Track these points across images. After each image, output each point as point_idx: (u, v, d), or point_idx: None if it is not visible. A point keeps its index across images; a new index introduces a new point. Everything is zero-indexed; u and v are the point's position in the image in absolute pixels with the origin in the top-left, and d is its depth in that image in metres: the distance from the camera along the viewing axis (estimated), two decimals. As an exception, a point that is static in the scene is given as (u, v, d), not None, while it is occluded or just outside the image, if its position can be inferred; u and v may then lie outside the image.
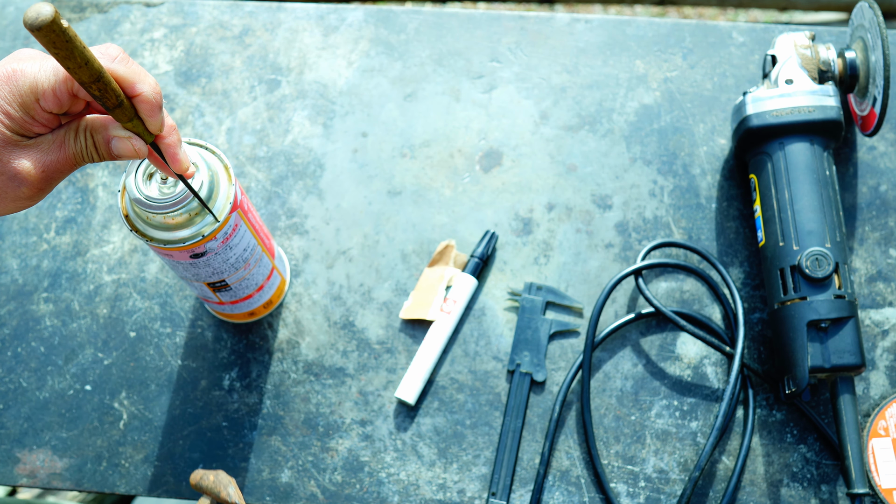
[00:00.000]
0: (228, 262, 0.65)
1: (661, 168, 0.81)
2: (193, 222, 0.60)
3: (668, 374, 0.75)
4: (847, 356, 0.67)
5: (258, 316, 0.77)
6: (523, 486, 0.73)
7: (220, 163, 0.62)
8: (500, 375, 0.76)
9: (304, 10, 0.88)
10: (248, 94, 0.85)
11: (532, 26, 0.87)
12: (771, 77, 0.75)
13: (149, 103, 0.52)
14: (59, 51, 0.45)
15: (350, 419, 0.75)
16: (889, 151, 0.80)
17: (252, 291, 0.72)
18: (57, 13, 0.44)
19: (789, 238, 0.71)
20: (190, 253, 0.61)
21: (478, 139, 0.83)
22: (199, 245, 0.61)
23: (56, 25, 0.44)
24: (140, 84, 0.51)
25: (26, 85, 0.50)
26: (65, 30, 0.45)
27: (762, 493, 0.71)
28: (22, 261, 0.81)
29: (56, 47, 0.45)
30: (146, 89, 0.51)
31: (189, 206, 0.59)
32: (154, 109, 0.52)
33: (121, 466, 0.74)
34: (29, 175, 0.52)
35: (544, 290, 0.77)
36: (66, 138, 0.53)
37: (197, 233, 0.60)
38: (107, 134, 0.53)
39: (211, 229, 0.60)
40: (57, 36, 0.44)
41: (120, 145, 0.53)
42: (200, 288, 0.69)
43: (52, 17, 0.44)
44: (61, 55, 0.46)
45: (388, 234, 0.80)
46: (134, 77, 0.51)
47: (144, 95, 0.51)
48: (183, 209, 0.59)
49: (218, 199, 0.61)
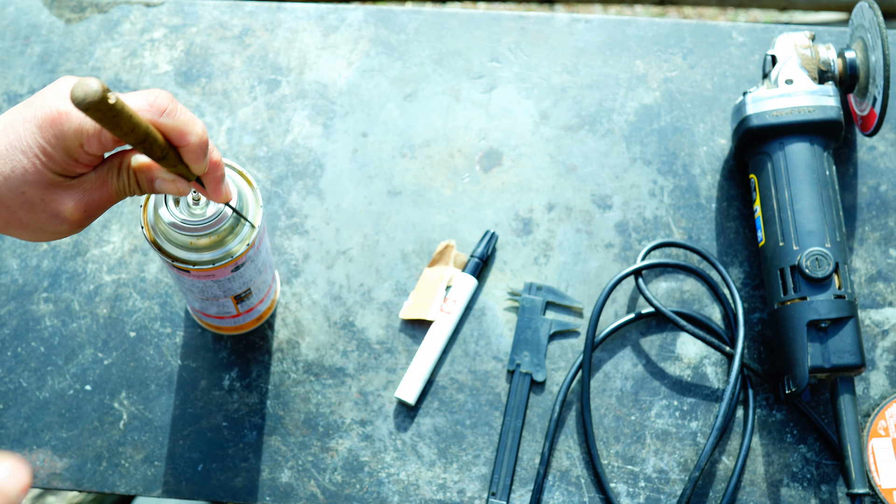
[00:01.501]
0: (257, 266, 0.65)
1: (661, 168, 0.81)
2: (227, 241, 0.59)
3: (668, 374, 0.75)
4: (847, 356, 0.67)
5: (264, 319, 0.77)
6: (523, 486, 0.73)
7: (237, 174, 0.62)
8: (500, 375, 0.76)
9: (304, 10, 0.88)
10: (248, 94, 0.85)
11: (532, 26, 0.87)
12: (771, 77, 0.75)
13: (195, 153, 0.51)
14: (105, 123, 0.44)
15: (350, 419, 0.75)
16: (889, 151, 0.80)
17: (265, 292, 0.72)
18: (104, 90, 0.42)
19: (789, 238, 0.71)
20: (234, 266, 0.61)
21: (478, 139, 0.83)
22: (241, 258, 0.60)
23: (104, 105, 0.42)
24: (187, 136, 0.50)
25: (71, 129, 0.48)
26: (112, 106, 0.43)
27: (762, 493, 0.71)
28: (22, 261, 0.81)
29: (103, 122, 0.44)
30: (193, 140, 0.50)
31: (220, 226, 0.58)
32: (199, 158, 0.52)
33: (121, 466, 0.74)
34: (71, 215, 0.52)
35: (544, 290, 0.77)
36: (108, 177, 0.52)
37: (241, 243, 0.60)
38: (150, 175, 0.53)
39: (252, 238, 0.60)
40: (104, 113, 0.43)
41: (164, 186, 0.53)
42: (222, 305, 0.68)
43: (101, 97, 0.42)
44: (108, 126, 0.44)
45: (388, 234, 0.80)
46: (182, 129, 0.50)
47: (191, 146, 0.51)
48: (217, 229, 0.58)
49: (249, 208, 0.61)
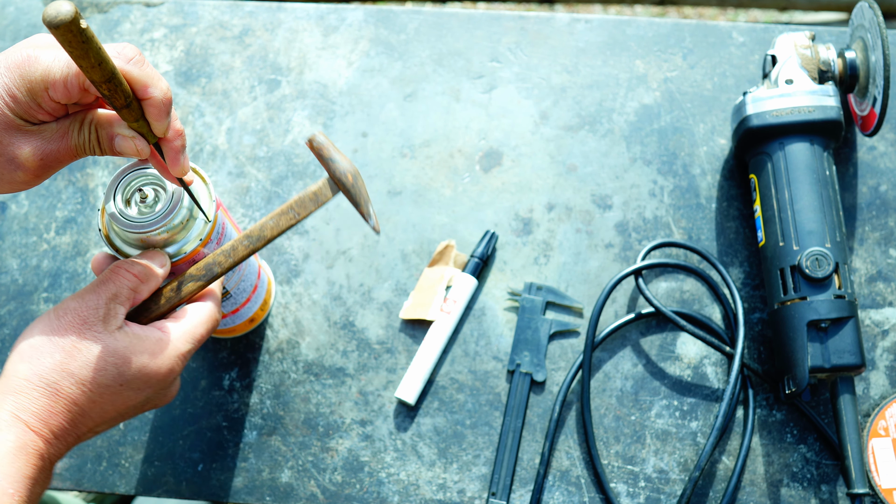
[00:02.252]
0: None
1: (661, 168, 0.81)
2: (179, 237, 0.59)
3: (668, 374, 0.75)
4: (847, 356, 0.67)
5: (258, 321, 0.77)
6: (523, 486, 0.73)
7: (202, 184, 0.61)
8: (500, 375, 0.76)
9: (304, 10, 0.88)
10: (248, 94, 0.85)
11: (532, 26, 0.87)
12: (771, 77, 0.75)
13: (157, 107, 0.52)
14: (74, 49, 0.45)
15: (350, 419, 0.75)
16: (889, 151, 0.80)
17: (249, 294, 0.71)
18: (77, 13, 0.43)
19: (789, 238, 0.71)
20: (191, 262, 0.60)
21: (478, 139, 0.83)
22: (198, 251, 0.60)
23: (74, 25, 0.44)
24: (152, 88, 0.51)
25: (38, 72, 0.49)
26: (83, 30, 0.44)
27: (762, 493, 0.71)
28: (22, 261, 0.81)
29: (72, 46, 0.45)
30: (157, 94, 0.51)
31: (173, 221, 0.57)
32: (162, 113, 0.52)
33: (121, 466, 0.74)
34: (27, 161, 0.52)
35: (544, 290, 0.77)
36: (70, 129, 0.53)
37: (189, 243, 0.59)
38: (111, 131, 0.53)
39: (206, 233, 0.59)
40: (74, 36, 0.44)
41: (123, 143, 0.53)
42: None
43: (72, 17, 0.43)
44: (76, 54, 0.45)
45: (388, 234, 0.80)
46: (146, 80, 0.51)
47: (154, 100, 0.51)
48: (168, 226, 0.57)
49: (202, 201, 0.60)
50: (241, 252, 0.59)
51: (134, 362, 0.54)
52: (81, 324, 0.53)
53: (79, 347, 0.53)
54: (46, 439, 0.51)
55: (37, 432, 0.51)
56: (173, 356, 0.56)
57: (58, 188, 0.83)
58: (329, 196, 0.58)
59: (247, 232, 0.59)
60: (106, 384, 0.53)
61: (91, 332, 0.53)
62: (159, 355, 0.55)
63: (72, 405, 0.52)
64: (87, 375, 0.52)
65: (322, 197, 0.58)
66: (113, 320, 0.54)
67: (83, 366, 0.52)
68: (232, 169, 0.83)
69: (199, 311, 0.59)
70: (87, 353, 0.53)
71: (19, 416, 0.51)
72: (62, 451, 0.53)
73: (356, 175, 0.58)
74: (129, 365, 0.54)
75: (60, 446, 0.53)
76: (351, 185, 0.58)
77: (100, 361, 0.53)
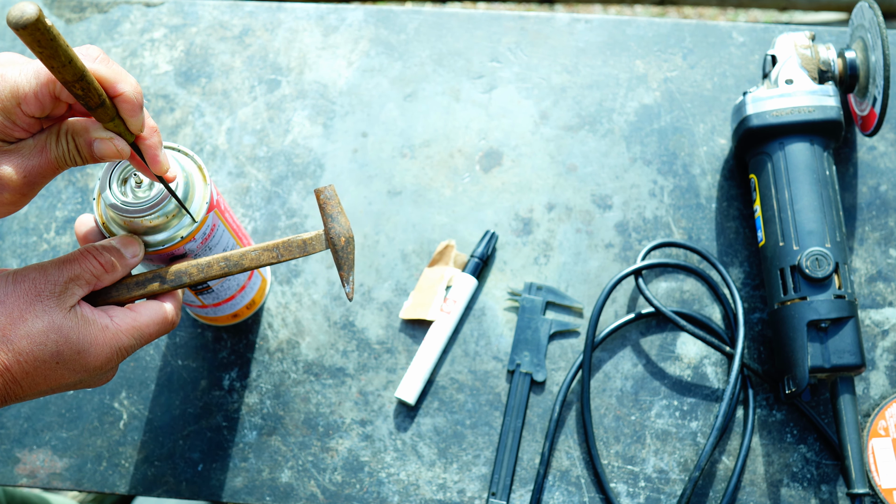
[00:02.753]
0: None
1: (661, 168, 0.81)
2: (170, 225, 0.59)
3: (668, 374, 0.75)
4: (847, 356, 0.67)
5: (242, 318, 0.77)
6: (523, 486, 0.73)
7: (193, 164, 0.62)
8: (500, 375, 0.76)
9: (304, 10, 0.88)
10: (248, 94, 0.85)
11: (532, 26, 0.87)
12: (771, 77, 0.75)
13: (130, 103, 0.52)
14: (43, 50, 0.45)
15: (350, 419, 0.75)
16: (889, 151, 0.80)
17: (234, 293, 0.71)
18: (41, 13, 0.44)
19: (789, 238, 0.71)
20: (169, 255, 0.61)
21: (478, 139, 0.83)
22: (178, 247, 0.60)
23: (41, 24, 0.44)
24: (122, 84, 0.51)
25: (7, 89, 0.49)
26: (48, 28, 0.45)
27: (762, 493, 0.71)
28: (22, 261, 0.81)
29: (41, 46, 0.45)
30: (128, 89, 0.51)
31: (165, 208, 0.58)
32: (135, 109, 0.52)
33: (121, 466, 0.74)
34: (11, 180, 0.52)
35: (544, 290, 0.77)
36: (47, 142, 0.53)
37: (174, 235, 0.59)
38: (88, 136, 0.53)
39: (189, 230, 0.60)
40: (42, 35, 0.44)
41: (102, 146, 0.53)
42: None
43: (37, 17, 0.44)
44: (45, 54, 0.46)
45: (388, 234, 0.80)
46: (115, 77, 0.51)
47: (126, 95, 0.51)
48: (159, 212, 0.58)
49: (194, 200, 0.60)
50: (214, 271, 0.59)
51: (74, 345, 0.54)
52: (35, 295, 0.53)
53: (24, 317, 0.52)
54: None
55: None
56: (114, 347, 0.56)
57: (58, 188, 0.83)
58: (318, 250, 0.60)
59: (227, 254, 0.60)
60: (42, 359, 0.53)
61: (41, 305, 0.53)
62: (100, 344, 0.55)
63: (4, 370, 0.52)
64: (25, 346, 0.52)
65: (311, 248, 0.60)
66: (67, 300, 0.54)
67: (23, 336, 0.52)
68: (232, 169, 0.83)
69: (152, 310, 0.58)
70: (31, 325, 0.52)
71: None
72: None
73: (350, 240, 0.60)
74: (68, 346, 0.53)
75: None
76: (341, 247, 0.60)
77: (41, 336, 0.53)
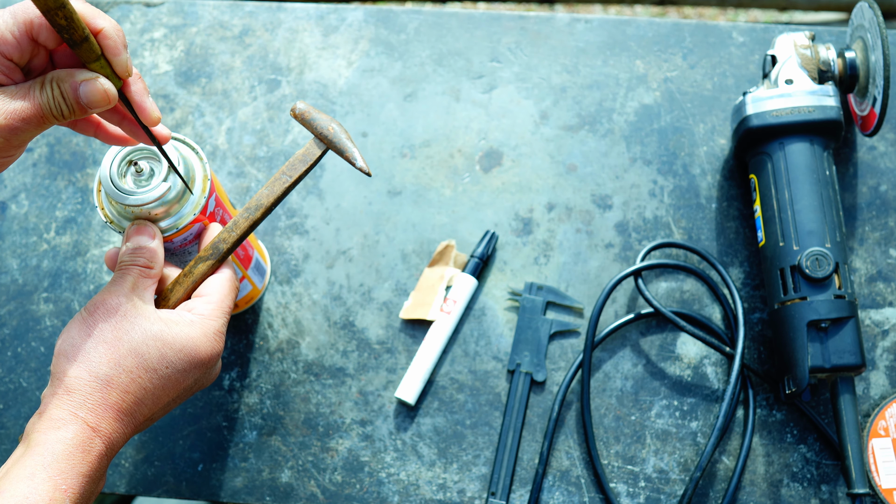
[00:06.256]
0: None
1: (661, 168, 0.81)
2: (177, 208, 0.59)
3: (668, 374, 0.75)
4: (847, 356, 0.67)
5: (239, 309, 0.77)
6: (523, 486, 0.73)
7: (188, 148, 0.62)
8: (500, 375, 0.76)
9: (304, 10, 0.88)
10: (248, 94, 0.85)
11: (532, 26, 0.87)
12: (771, 77, 0.75)
13: (112, 38, 0.51)
14: None
15: (350, 419, 0.75)
16: (889, 151, 0.80)
17: None
18: None
19: (789, 238, 0.71)
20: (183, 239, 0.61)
21: (478, 139, 0.83)
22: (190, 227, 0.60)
23: None
24: (100, 19, 0.51)
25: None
26: None
27: (762, 493, 0.71)
28: (22, 261, 0.81)
29: None
30: (107, 24, 0.51)
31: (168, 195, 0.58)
32: (118, 46, 0.52)
33: (121, 466, 0.74)
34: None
35: (544, 290, 0.77)
36: (31, 88, 0.52)
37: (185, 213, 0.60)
38: (73, 81, 0.52)
39: (200, 206, 0.60)
40: None
41: (88, 89, 0.51)
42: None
43: None
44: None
45: (388, 234, 0.80)
46: (93, 12, 0.51)
47: (107, 30, 0.51)
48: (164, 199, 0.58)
49: (196, 181, 0.60)
50: (242, 225, 0.60)
51: (172, 344, 0.54)
52: (115, 315, 0.54)
53: (119, 337, 0.53)
54: (104, 434, 0.51)
55: (94, 429, 0.51)
56: (210, 334, 0.56)
57: (58, 188, 0.83)
58: (317, 153, 0.60)
59: (245, 206, 0.60)
60: (153, 368, 0.53)
61: (127, 322, 0.53)
62: (196, 336, 0.56)
63: (125, 394, 0.52)
64: (135, 362, 0.53)
65: (310, 156, 0.60)
66: (143, 308, 0.55)
67: (128, 354, 0.53)
68: (232, 169, 0.83)
69: (218, 284, 0.59)
70: (129, 342, 0.53)
71: (77, 414, 0.51)
72: (119, 444, 0.53)
73: (337, 125, 0.60)
74: (168, 347, 0.54)
75: (117, 439, 0.53)
76: (332, 134, 0.59)
77: (142, 347, 0.53)
